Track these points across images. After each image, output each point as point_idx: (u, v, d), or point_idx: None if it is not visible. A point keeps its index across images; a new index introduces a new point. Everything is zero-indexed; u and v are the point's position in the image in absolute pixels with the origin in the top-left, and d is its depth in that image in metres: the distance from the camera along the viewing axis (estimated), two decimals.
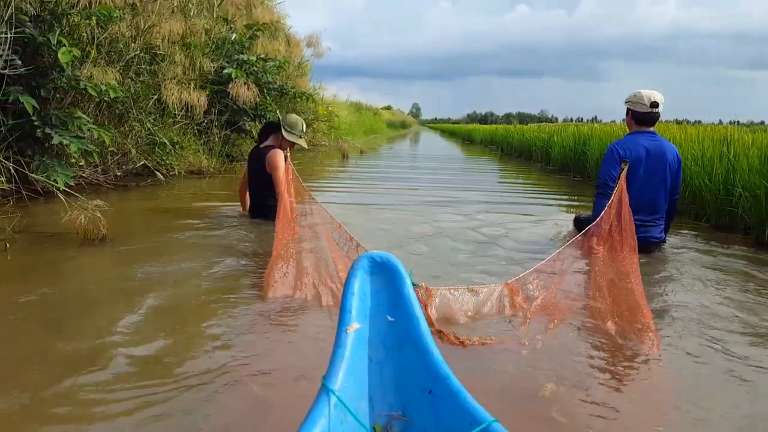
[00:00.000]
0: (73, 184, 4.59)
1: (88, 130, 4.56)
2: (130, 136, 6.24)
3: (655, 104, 3.18)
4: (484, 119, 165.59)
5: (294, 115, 3.91)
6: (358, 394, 1.17)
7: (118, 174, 6.19)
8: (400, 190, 6.78)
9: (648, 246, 3.22)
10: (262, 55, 8.94)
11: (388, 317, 1.28)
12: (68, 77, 4.63)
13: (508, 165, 12.48)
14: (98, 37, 5.48)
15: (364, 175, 8.82)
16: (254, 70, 8.48)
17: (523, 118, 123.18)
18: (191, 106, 7.05)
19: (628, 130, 3.48)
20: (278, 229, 2.71)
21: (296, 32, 12.40)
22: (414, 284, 2.39)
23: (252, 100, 7.66)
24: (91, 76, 5.14)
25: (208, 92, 7.81)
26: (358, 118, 24.81)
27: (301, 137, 3.83)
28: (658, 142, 3.24)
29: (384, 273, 1.32)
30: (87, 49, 5.29)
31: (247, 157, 4.03)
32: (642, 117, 3.24)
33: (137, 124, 6.33)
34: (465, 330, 2.13)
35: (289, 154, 3.06)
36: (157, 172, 5.82)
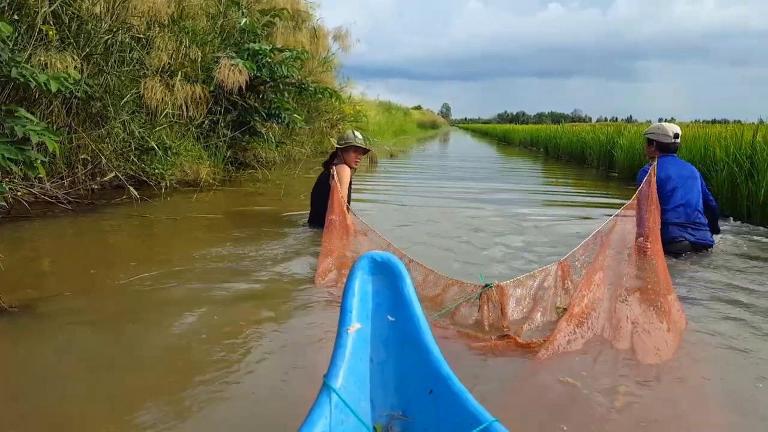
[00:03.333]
0: (5, 204, 3.42)
1: (24, 132, 3.36)
2: (108, 140, 5.06)
3: (677, 135, 3.62)
4: (516, 119, 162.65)
5: (346, 131, 4.16)
6: (359, 394, 1.17)
7: (94, 188, 5.03)
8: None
9: (700, 247, 3.49)
10: (280, 47, 7.71)
11: (389, 317, 1.26)
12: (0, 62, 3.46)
13: (557, 168, 10.99)
14: (53, 13, 4.31)
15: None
16: (267, 62, 7.25)
17: (556, 118, 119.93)
18: (189, 104, 5.86)
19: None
20: (326, 237, 2.92)
21: (325, 22, 11.17)
22: (487, 285, 2.17)
23: (242, 83, 6.28)
24: (46, 64, 4.00)
25: (211, 87, 6.61)
26: (388, 118, 23.49)
27: (351, 141, 3.89)
28: (682, 162, 3.73)
29: (384, 273, 1.29)
30: (44, 28, 4.13)
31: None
32: (666, 146, 3.64)
33: (119, 125, 5.15)
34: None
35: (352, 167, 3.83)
36: (130, 187, 4.59)
